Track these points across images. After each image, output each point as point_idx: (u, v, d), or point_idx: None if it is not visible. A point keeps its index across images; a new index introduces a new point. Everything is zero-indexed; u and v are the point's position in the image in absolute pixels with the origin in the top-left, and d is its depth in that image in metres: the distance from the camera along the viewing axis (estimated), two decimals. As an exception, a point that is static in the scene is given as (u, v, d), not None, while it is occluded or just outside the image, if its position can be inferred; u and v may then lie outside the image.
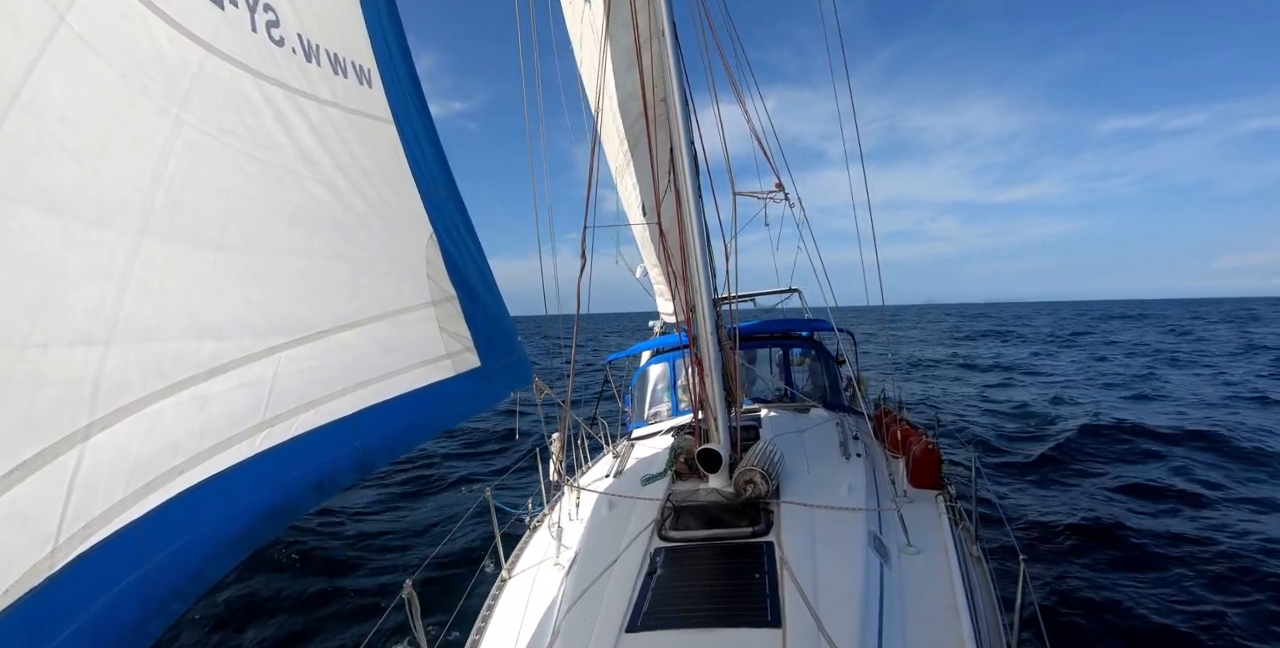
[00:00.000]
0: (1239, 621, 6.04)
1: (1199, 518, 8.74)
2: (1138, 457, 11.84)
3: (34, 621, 1.47)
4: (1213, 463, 11.21)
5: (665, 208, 4.83)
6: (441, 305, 3.11)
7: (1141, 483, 10.07)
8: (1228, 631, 5.90)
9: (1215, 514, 8.82)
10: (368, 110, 2.94)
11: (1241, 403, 16.91)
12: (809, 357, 7.75)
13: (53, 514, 1.56)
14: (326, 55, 2.81)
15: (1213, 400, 17.36)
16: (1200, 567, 7.25)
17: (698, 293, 4.47)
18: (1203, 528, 8.32)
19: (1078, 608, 6.33)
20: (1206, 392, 18.91)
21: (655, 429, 6.59)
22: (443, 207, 3.19)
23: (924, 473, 4.68)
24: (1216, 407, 16.40)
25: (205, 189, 2.15)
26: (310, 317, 2.49)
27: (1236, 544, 7.75)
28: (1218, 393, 18.60)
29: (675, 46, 4.58)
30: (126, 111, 1.90)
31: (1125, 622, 6.09)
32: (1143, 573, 7.15)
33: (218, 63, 2.26)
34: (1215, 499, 9.39)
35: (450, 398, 3.03)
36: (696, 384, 4.56)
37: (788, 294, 9.79)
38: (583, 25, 6.54)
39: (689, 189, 4.41)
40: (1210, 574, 7.05)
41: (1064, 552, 7.69)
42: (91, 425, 1.68)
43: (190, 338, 2.02)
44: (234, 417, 2.12)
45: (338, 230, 2.68)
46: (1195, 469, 10.77)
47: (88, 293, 1.72)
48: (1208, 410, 15.84)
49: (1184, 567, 7.25)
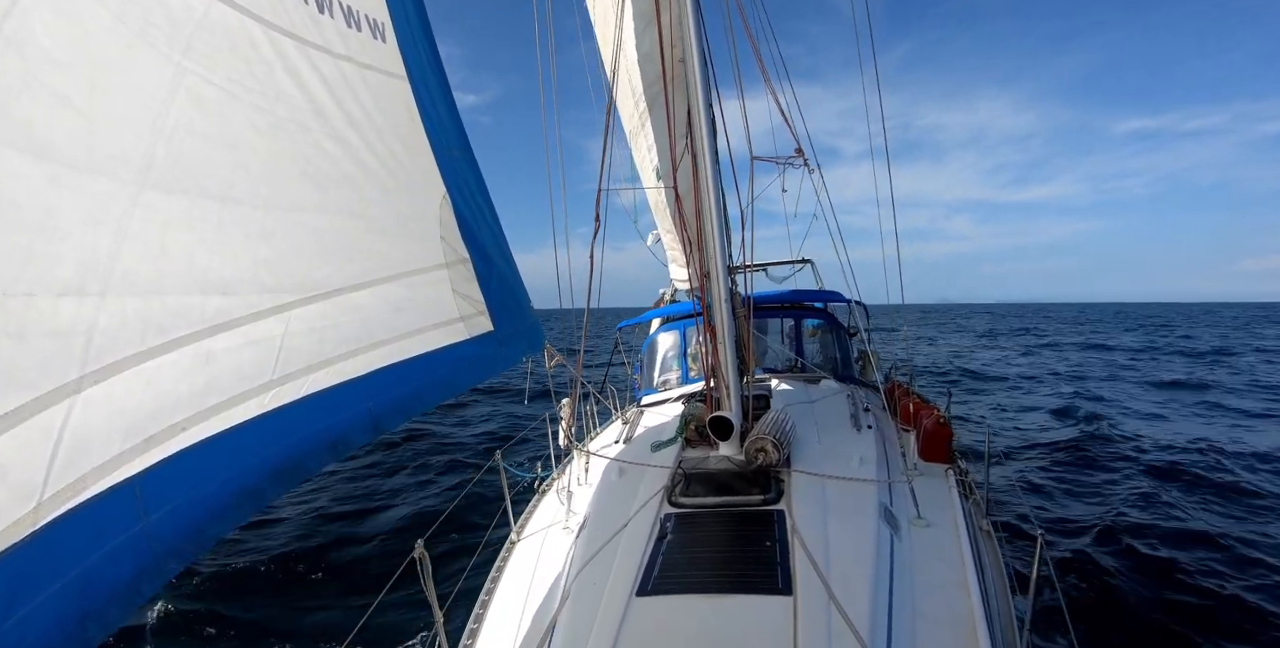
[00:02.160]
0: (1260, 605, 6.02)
1: (1232, 504, 8.70)
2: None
3: (14, 577, 1.43)
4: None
5: (681, 173, 4.73)
6: (455, 267, 3.05)
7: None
8: (1248, 615, 5.88)
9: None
10: (381, 66, 2.85)
11: None
12: (821, 328, 7.69)
13: (37, 469, 1.52)
14: (340, 7, 2.71)
15: None
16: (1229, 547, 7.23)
17: (712, 258, 4.39)
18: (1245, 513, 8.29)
19: (1095, 578, 6.33)
20: None
21: (665, 397, 6.57)
22: (457, 167, 3.11)
23: (934, 447, 4.65)
24: None
25: (211, 141, 2.08)
26: (321, 275, 2.44)
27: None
28: None
29: (695, 3, 4.44)
30: (123, 57, 1.82)
31: (1144, 600, 6.08)
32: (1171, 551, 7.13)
33: (223, 9, 2.18)
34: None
35: (463, 361, 3.00)
36: (709, 352, 4.52)
37: (801, 265, 9.69)
38: (599, -17, 6.37)
39: (706, 152, 4.32)
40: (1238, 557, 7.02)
41: (1076, 529, 7.70)
42: (83, 379, 1.63)
43: (194, 293, 1.97)
44: (241, 374, 2.08)
45: (350, 187, 2.61)
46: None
47: (79, 243, 1.65)
48: None
49: (1211, 550, 7.22)
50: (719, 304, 4.38)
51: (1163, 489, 9.00)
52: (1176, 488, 9.20)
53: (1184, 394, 18.53)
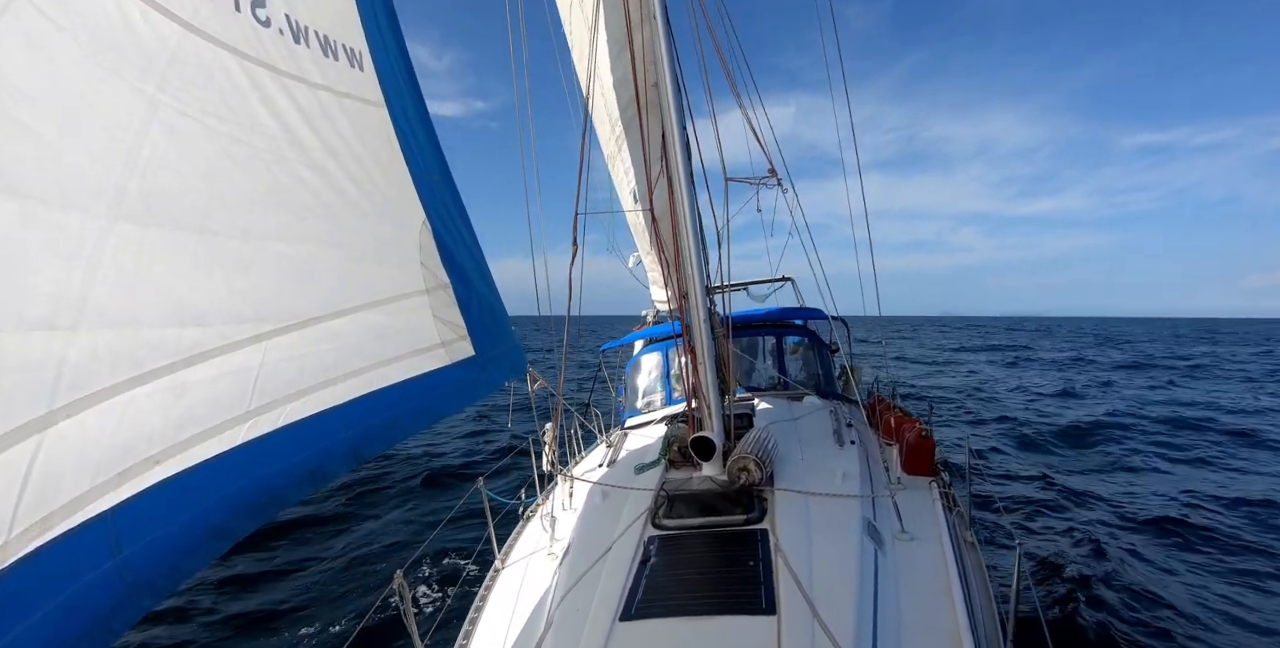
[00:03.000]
0: (1241, 613, 6.09)
1: (1202, 505, 8.83)
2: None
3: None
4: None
5: (657, 195, 4.78)
6: (435, 293, 3.05)
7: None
8: (1228, 620, 5.94)
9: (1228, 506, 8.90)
10: (359, 94, 2.87)
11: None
12: (803, 345, 7.74)
13: (4, 505, 1.49)
14: (316, 37, 2.73)
15: None
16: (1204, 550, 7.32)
17: (690, 280, 4.43)
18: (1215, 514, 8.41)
19: (1072, 591, 6.38)
20: None
21: (648, 418, 6.57)
22: (436, 192, 3.12)
23: (918, 460, 4.67)
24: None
25: (186, 173, 2.08)
26: (299, 304, 2.42)
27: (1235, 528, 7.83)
28: None
29: (667, 29, 4.51)
30: (95, 90, 1.82)
31: (1121, 606, 6.14)
32: (1142, 557, 7.21)
33: (197, 42, 2.19)
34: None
35: (444, 387, 2.98)
36: (689, 372, 4.53)
37: (781, 283, 9.76)
38: (572, 11, 6.46)
39: (681, 174, 4.36)
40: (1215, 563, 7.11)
41: (1058, 534, 7.76)
42: (54, 413, 1.61)
43: (168, 325, 1.95)
44: (216, 406, 2.05)
45: (328, 216, 2.61)
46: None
47: (51, 278, 1.64)
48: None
49: (1187, 552, 7.32)
50: (698, 325, 4.40)
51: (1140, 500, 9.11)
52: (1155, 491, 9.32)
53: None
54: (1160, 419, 16.21)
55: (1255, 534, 7.84)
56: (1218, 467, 11.42)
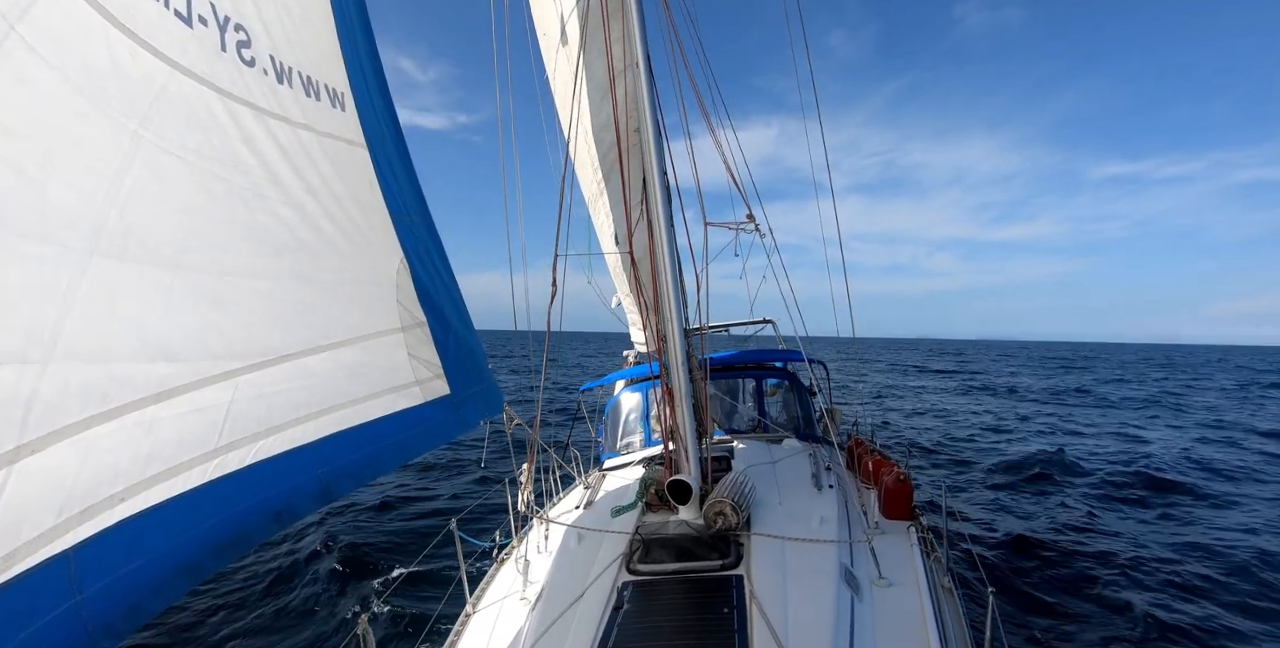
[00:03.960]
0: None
1: (1176, 545, 8.85)
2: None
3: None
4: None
5: (637, 237, 4.83)
6: (411, 331, 3.04)
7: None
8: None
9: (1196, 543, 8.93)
10: (340, 133, 2.90)
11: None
12: (782, 387, 7.75)
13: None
14: (299, 77, 2.78)
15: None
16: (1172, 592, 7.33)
17: (669, 322, 4.45)
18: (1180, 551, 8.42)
19: (1046, 636, 6.34)
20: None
21: (627, 460, 6.51)
22: (415, 232, 3.14)
23: (896, 505, 4.66)
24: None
25: (164, 208, 2.09)
26: (272, 341, 2.41)
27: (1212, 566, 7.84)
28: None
29: (649, 78, 4.63)
30: (79, 126, 1.84)
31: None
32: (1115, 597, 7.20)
33: (182, 80, 2.22)
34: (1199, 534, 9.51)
35: (418, 426, 2.96)
36: (667, 414, 4.52)
37: (762, 324, 9.82)
38: (558, 55, 6.60)
39: (661, 219, 4.42)
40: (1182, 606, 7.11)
41: (1034, 581, 7.73)
42: (20, 449, 1.58)
43: (139, 361, 1.93)
44: (184, 443, 2.03)
45: (305, 254, 2.62)
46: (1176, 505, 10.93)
47: (24, 312, 1.64)
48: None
49: (1158, 593, 7.33)
50: (676, 367, 4.41)
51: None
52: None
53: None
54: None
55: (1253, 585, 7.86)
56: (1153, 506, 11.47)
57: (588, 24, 5.32)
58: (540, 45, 7.03)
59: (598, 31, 5.15)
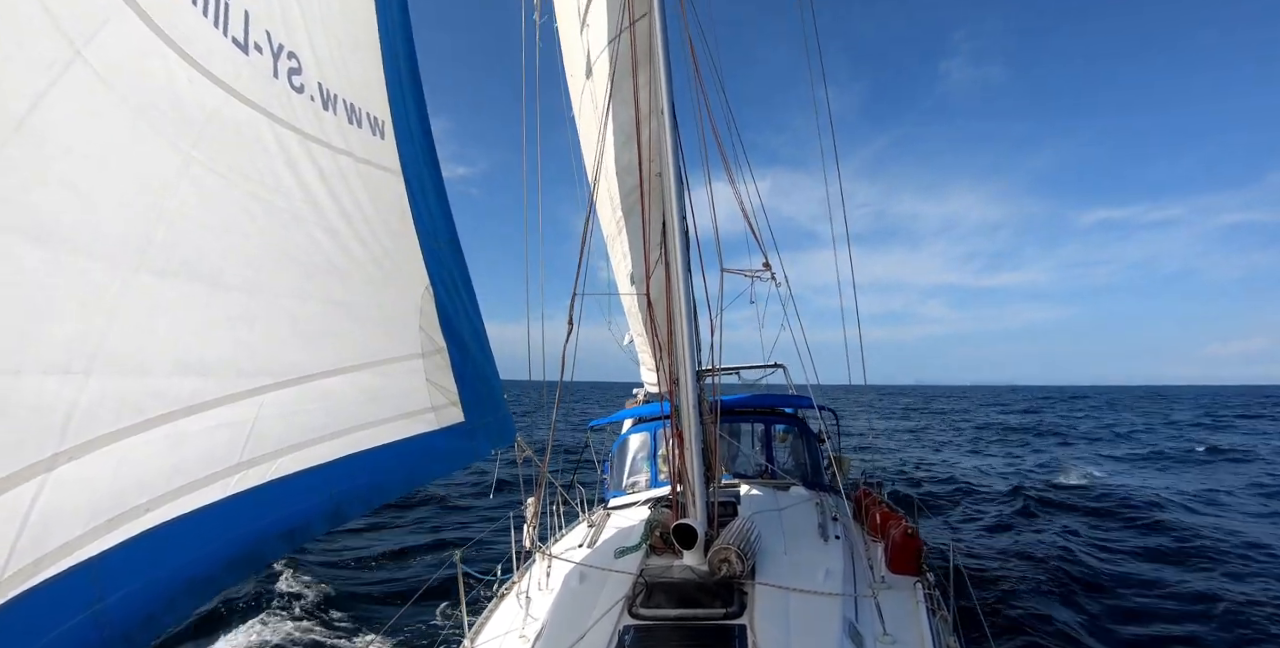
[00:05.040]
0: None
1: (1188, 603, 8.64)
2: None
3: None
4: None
5: (654, 279, 4.88)
6: (431, 357, 3.08)
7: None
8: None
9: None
10: (378, 161, 2.99)
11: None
12: (791, 434, 7.70)
13: (1, 547, 1.47)
14: (344, 105, 2.88)
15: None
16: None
17: (681, 365, 4.46)
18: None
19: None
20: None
21: (632, 500, 6.45)
22: (443, 260, 3.20)
23: (903, 559, 4.59)
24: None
25: (208, 227, 2.15)
26: (298, 360, 2.45)
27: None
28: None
29: (673, 124, 4.73)
30: (135, 146, 1.91)
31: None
32: None
33: (236, 105, 2.31)
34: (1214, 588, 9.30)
35: (431, 452, 2.97)
36: (676, 457, 4.50)
37: (772, 369, 9.81)
38: (583, 97, 6.77)
39: (679, 263, 4.47)
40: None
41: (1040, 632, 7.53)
42: (58, 456, 1.61)
43: (173, 374, 1.97)
44: (209, 457, 2.05)
45: (335, 276, 2.67)
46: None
47: (70, 323, 1.68)
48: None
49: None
50: (687, 411, 4.41)
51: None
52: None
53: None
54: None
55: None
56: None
57: (616, 70, 5.48)
58: (568, 84, 7.24)
59: (625, 78, 5.30)
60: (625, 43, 5.37)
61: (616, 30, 5.49)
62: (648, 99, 5.14)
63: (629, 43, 5.27)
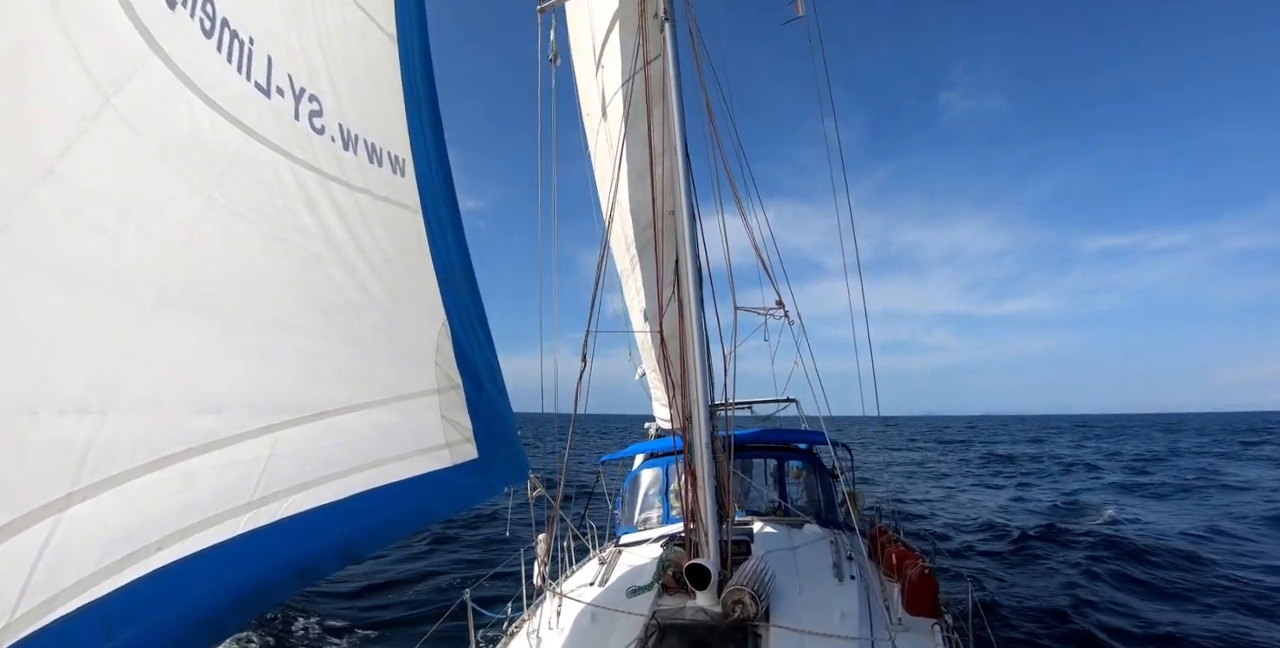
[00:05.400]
0: None
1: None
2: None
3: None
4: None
5: (667, 316, 4.90)
6: (446, 394, 3.09)
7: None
8: None
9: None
10: (397, 198, 3.04)
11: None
12: (805, 470, 7.62)
13: (13, 587, 1.46)
14: (364, 144, 2.94)
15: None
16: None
17: (695, 403, 4.45)
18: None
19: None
20: None
21: (644, 537, 6.38)
22: (459, 296, 3.24)
23: (921, 600, 4.49)
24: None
25: (227, 266, 2.18)
26: (313, 397, 2.47)
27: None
28: None
29: (686, 163, 4.79)
30: (159, 189, 1.95)
31: None
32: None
33: (257, 147, 2.36)
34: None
35: (444, 489, 2.96)
36: (689, 495, 4.47)
37: (785, 403, 9.73)
38: (599, 136, 6.88)
39: (692, 301, 4.49)
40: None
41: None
42: (72, 495, 1.61)
43: (189, 412, 1.98)
44: (221, 495, 2.05)
45: (352, 313, 2.70)
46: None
47: (90, 362, 1.69)
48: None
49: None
50: (700, 449, 4.38)
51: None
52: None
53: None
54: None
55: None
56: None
57: (630, 110, 5.58)
58: (584, 123, 7.36)
59: (639, 118, 5.39)
60: (639, 84, 5.48)
61: (630, 72, 5.61)
62: (661, 138, 5.22)
63: (643, 84, 5.38)
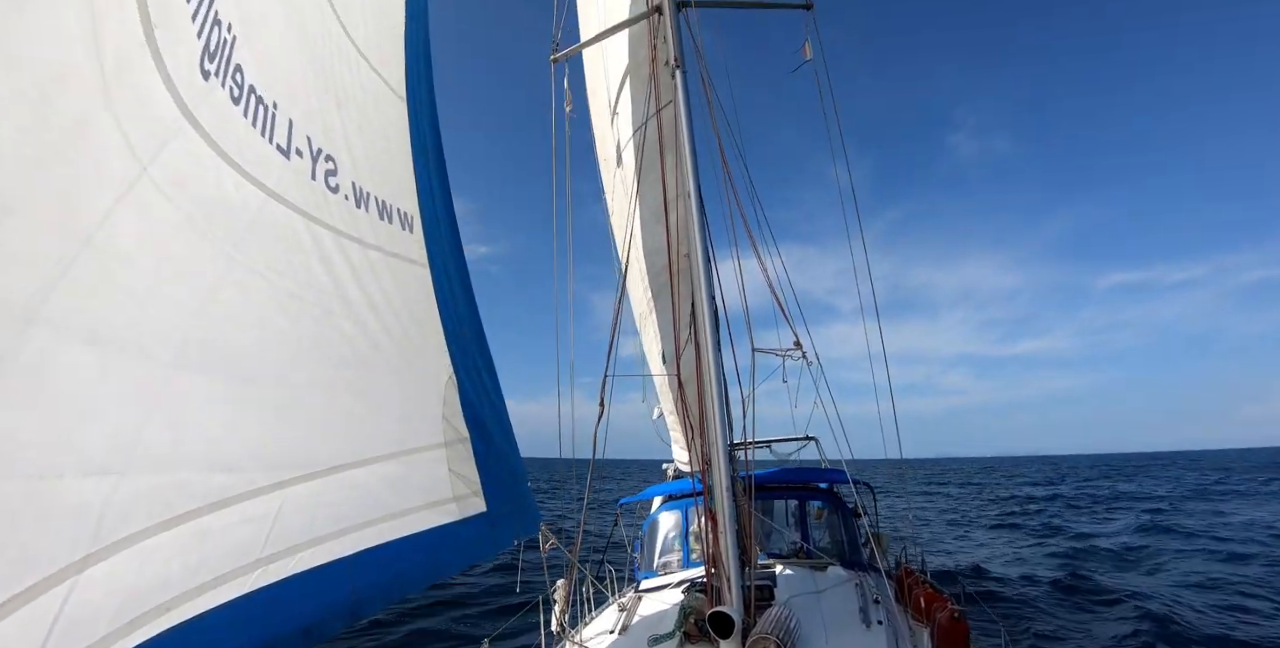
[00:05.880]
0: None
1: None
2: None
3: None
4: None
5: (685, 359, 4.88)
6: (454, 446, 3.10)
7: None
8: None
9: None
10: (406, 253, 3.10)
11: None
12: (826, 509, 7.48)
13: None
14: (375, 202, 3.02)
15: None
16: None
17: (714, 446, 4.40)
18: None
19: None
20: None
21: (665, 582, 6.27)
22: (466, 348, 3.27)
23: (951, 646, 4.36)
24: None
25: (245, 324, 2.23)
26: (323, 452, 2.49)
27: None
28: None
29: (700, 207, 4.83)
30: (185, 251, 2.01)
31: None
32: None
33: (276, 207, 2.43)
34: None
35: (453, 543, 2.95)
36: (710, 541, 4.39)
37: (804, 442, 9.61)
38: (614, 181, 6.98)
39: (709, 343, 4.48)
40: None
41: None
42: (89, 557, 1.63)
43: (202, 469, 2.01)
44: (231, 553, 2.06)
45: (362, 367, 2.74)
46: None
47: (111, 422, 1.72)
48: None
49: None
50: (721, 492, 4.32)
51: None
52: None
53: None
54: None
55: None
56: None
57: (644, 155, 5.66)
58: (600, 168, 7.49)
59: (653, 163, 5.46)
60: (652, 130, 5.57)
61: (643, 118, 5.71)
62: (674, 183, 5.28)
63: (656, 130, 5.47)
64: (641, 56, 6.01)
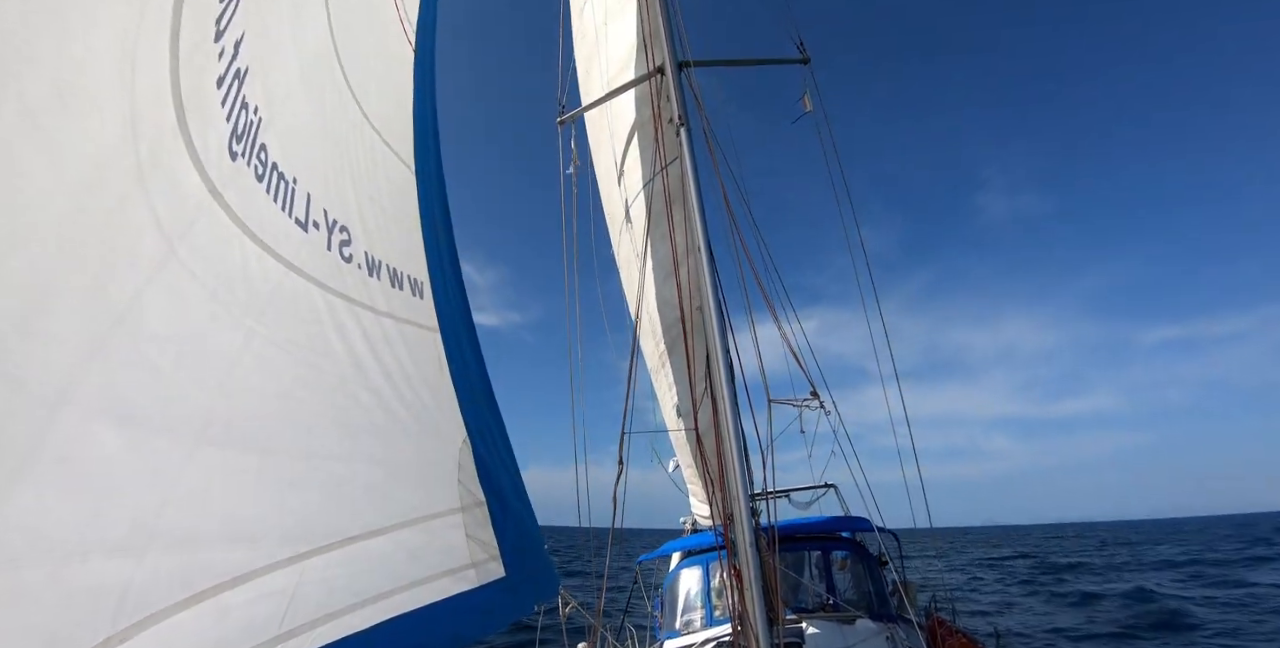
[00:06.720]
0: None
1: None
2: None
3: None
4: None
5: (702, 412, 4.87)
6: (470, 511, 3.08)
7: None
8: None
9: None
10: (417, 320, 3.15)
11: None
12: (850, 559, 7.32)
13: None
14: (387, 270, 3.08)
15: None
16: None
17: (735, 501, 4.35)
18: None
19: None
20: None
21: (689, 642, 6.13)
22: (479, 413, 3.28)
23: None
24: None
25: (264, 396, 2.26)
26: (341, 523, 2.48)
27: None
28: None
29: (710, 261, 4.89)
30: (209, 326, 2.04)
31: None
32: None
33: (295, 279, 2.49)
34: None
35: (472, 611, 2.90)
36: (735, 599, 4.30)
37: (824, 490, 9.47)
38: (622, 237, 7.08)
39: (726, 397, 4.47)
40: None
41: None
42: (110, 640, 1.60)
43: (222, 545, 2.00)
44: (249, 630, 2.03)
45: (377, 435, 2.75)
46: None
47: (135, 502, 1.72)
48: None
49: None
50: (744, 548, 4.25)
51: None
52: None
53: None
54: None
55: None
56: None
57: (652, 210, 5.76)
58: (607, 224, 7.60)
59: (662, 218, 5.55)
60: (659, 186, 5.68)
61: (649, 175, 5.83)
62: (684, 237, 5.36)
63: (663, 187, 5.57)
64: (646, 115, 6.16)
